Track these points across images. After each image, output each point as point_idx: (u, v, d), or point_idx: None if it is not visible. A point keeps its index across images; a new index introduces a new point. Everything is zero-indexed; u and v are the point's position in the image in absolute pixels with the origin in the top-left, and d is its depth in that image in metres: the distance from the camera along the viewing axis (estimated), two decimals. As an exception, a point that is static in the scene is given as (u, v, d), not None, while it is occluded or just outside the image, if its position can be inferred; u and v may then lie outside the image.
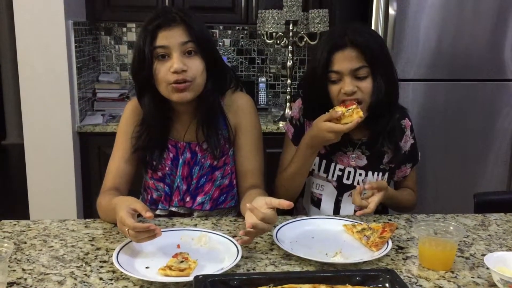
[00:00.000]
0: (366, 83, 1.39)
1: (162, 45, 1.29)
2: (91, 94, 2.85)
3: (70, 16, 2.43)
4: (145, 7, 2.75)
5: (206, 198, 1.45)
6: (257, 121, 1.50)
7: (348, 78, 1.38)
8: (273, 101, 3.28)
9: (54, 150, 2.47)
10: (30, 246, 1.16)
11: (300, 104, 1.57)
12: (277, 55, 3.22)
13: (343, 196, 1.52)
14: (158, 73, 1.30)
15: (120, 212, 1.10)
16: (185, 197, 1.45)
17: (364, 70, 1.38)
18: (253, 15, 2.80)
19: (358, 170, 1.51)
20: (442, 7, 2.37)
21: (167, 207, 1.46)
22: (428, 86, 2.46)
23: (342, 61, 1.38)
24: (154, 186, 1.47)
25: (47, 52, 2.37)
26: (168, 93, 1.32)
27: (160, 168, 1.45)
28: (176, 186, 1.44)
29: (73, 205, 2.53)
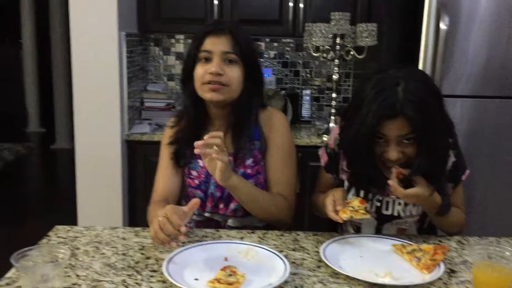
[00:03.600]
0: (413, 149, 1.31)
1: (206, 49, 1.40)
2: (139, 103, 2.93)
3: (123, 28, 2.51)
4: (194, 19, 2.80)
5: (239, 205, 1.47)
6: (288, 137, 1.54)
7: (393, 144, 1.30)
8: (317, 114, 3.26)
9: (103, 157, 2.54)
10: (83, 252, 1.19)
11: (336, 134, 1.53)
12: (322, 68, 3.21)
13: (384, 225, 1.49)
14: (197, 73, 1.41)
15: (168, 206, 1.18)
16: (218, 204, 1.49)
17: (411, 136, 1.29)
18: (300, 28, 2.81)
19: (397, 200, 1.46)
20: (493, 22, 2.30)
21: (202, 212, 1.51)
22: (477, 103, 2.38)
23: (390, 128, 1.29)
24: (192, 194, 1.52)
25: (100, 62, 2.45)
26: (202, 92, 1.42)
27: (196, 176, 1.50)
28: (210, 192, 1.49)
29: (119, 210, 2.59)
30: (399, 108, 1.25)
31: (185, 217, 1.17)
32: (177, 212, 1.16)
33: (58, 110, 6.12)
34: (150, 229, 1.19)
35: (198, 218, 1.52)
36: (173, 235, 1.12)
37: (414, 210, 1.45)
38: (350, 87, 3.23)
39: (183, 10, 2.81)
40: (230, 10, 2.81)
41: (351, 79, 3.23)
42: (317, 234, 1.37)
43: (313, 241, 1.33)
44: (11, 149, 5.87)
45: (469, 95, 2.38)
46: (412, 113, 1.25)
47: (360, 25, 2.54)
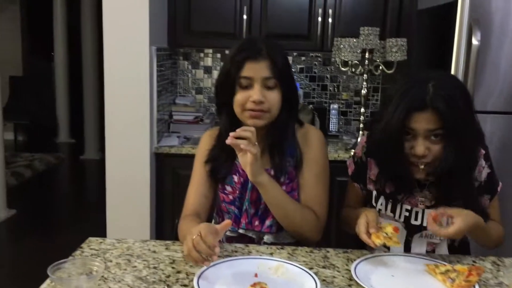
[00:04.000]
0: (439, 146, 1.31)
1: (247, 76, 1.38)
2: (168, 116, 2.97)
3: (153, 43, 2.56)
4: (223, 33, 2.84)
5: (274, 221, 1.47)
6: (323, 153, 1.53)
7: (421, 138, 1.30)
8: (344, 128, 3.25)
9: (133, 169, 2.58)
10: (116, 265, 1.21)
11: (364, 142, 1.55)
12: (350, 82, 3.20)
13: (414, 237, 1.46)
14: (238, 99, 1.40)
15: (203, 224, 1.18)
16: (253, 221, 1.48)
17: (439, 131, 1.30)
18: (328, 42, 2.81)
19: (426, 210, 1.44)
20: None
21: (236, 229, 1.50)
22: (508, 119, 2.34)
23: (419, 121, 1.29)
24: (226, 209, 1.52)
25: (132, 76, 2.50)
26: (243, 118, 1.42)
27: (231, 192, 1.50)
28: (244, 209, 1.49)
29: (147, 221, 2.61)
30: (428, 101, 1.26)
31: (218, 236, 1.17)
32: (211, 231, 1.16)
33: (87, 121, 6.25)
34: (184, 246, 1.19)
35: (231, 234, 1.51)
36: (206, 254, 1.12)
37: (444, 221, 1.42)
38: (378, 101, 3.21)
39: (213, 25, 2.85)
40: (259, 25, 2.84)
41: (379, 93, 3.21)
42: (347, 252, 1.36)
43: (343, 258, 1.31)
44: (42, 159, 6.03)
45: (501, 111, 2.33)
46: (442, 106, 1.26)
47: (389, 40, 2.53)
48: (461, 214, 1.26)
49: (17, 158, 5.89)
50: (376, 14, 2.79)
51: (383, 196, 1.48)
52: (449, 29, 2.36)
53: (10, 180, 4.88)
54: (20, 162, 5.72)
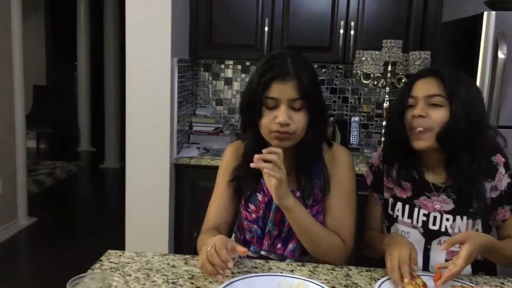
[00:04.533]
0: (439, 112, 1.37)
1: (273, 96, 1.33)
2: (188, 127, 2.97)
3: (175, 54, 2.57)
4: (244, 45, 2.84)
5: (297, 245, 1.43)
6: (351, 175, 1.47)
7: (421, 103, 1.39)
8: (365, 141, 3.21)
9: (152, 179, 2.58)
10: (135, 279, 1.20)
11: (380, 151, 1.58)
12: (371, 94, 3.17)
13: (432, 244, 1.44)
14: (264, 119, 1.35)
15: (218, 237, 1.17)
16: (275, 243, 1.44)
17: (439, 99, 1.38)
18: (350, 55, 2.79)
19: (444, 214, 1.43)
20: None
21: (258, 250, 1.46)
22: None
23: (421, 87, 1.41)
24: (248, 227, 1.49)
25: (153, 87, 2.52)
26: (269, 138, 1.37)
27: (254, 210, 1.47)
28: (267, 230, 1.44)
29: (166, 233, 2.61)
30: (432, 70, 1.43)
31: (233, 252, 1.15)
32: (226, 244, 1.14)
33: (108, 130, 6.32)
34: (199, 257, 1.18)
35: (253, 254, 1.47)
36: (220, 268, 1.11)
37: (463, 226, 1.40)
38: (400, 114, 3.16)
39: (234, 37, 2.85)
40: (280, 37, 2.83)
41: (401, 106, 3.15)
42: (370, 270, 1.32)
43: (366, 277, 1.28)
44: (63, 167, 6.10)
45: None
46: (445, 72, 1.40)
47: (413, 52, 2.50)
48: (469, 238, 1.24)
49: (39, 166, 5.97)
50: (399, 27, 2.75)
51: (400, 202, 1.48)
52: (474, 42, 2.33)
53: (31, 188, 4.95)
54: (41, 170, 5.80)
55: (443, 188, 1.44)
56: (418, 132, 1.38)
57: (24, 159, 4.05)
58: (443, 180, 1.44)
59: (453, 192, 1.42)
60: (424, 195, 1.46)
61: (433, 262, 1.43)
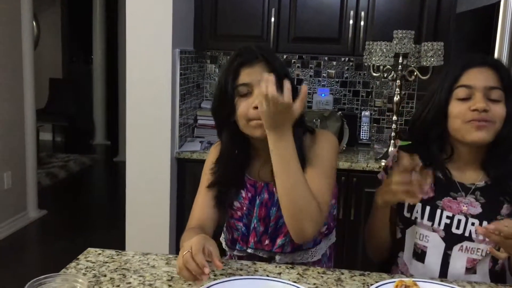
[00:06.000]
0: (499, 107, 1.25)
1: (244, 82, 1.27)
2: (193, 121, 2.90)
3: (177, 45, 2.50)
4: (250, 36, 2.75)
5: (286, 239, 1.34)
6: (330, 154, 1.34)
7: (480, 95, 1.24)
8: (376, 136, 3.09)
9: (153, 173, 2.52)
10: (109, 280, 1.13)
11: (395, 152, 1.42)
12: (383, 88, 3.05)
13: (453, 249, 1.31)
14: (240, 109, 1.27)
15: (195, 239, 1.09)
16: (262, 239, 1.36)
17: (499, 92, 1.25)
18: (360, 46, 2.68)
19: (470, 218, 1.30)
20: None
21: (244, 248, 1.39)
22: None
23: (477, 76, 1.26)
24: (234, 226, 1.42)
25: (153, 79, 2.45)
26: (249, 130, 1.29)
27: (239, 208, 1.39)
28: (252, 227, 1.37)
29: (166, 226, 2.55)
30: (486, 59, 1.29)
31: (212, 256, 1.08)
32: (205, 245, 1.07)
33: (122, 124, 6.30)
34: (177, 262, 1.11)
35: (240, 253, 1.40)
36: (196, 273, 1.04)
37: None
38: (413, 109, 3.04)
39: (240, 28, 2.77)
40: (287, 28, 2.74)
41: (414, 100, 3.04)
42: (364, 274, 1.23)
43: (358, 282, 1.19)
44: (77, 160, 6.11)
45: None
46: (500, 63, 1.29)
47: (425, 44, 2.38)
48: None
49: (53, 159, 6.00)
50: (412, 17, 2.63)
51: (420, 203, 1.34)
52: (490, 32, 2.19)
53: (44, 180, 4.97)
54: (55, 162, 5.82)
55: (473, 189, 1.32)
56: (479, 124, 1.24)
57: (34, 152, 4.05)
58: (474, 180, 1.33)
59: (483, 196, 1.31)
60: (449, 196, 1.33)
61: (452, 269, 1.31)
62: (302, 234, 1.23)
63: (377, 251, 1.45)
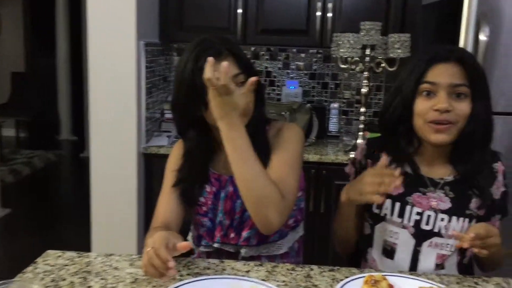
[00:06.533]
0: (464, 105, 1.23)
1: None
2: (160, 115, 2.84)
3: (142, 37, 2.43)
4: (217, 28, 2.70)
5: (251, 232, 1.33)
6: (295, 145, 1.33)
7: (443, 94, 1.22)
8: (345, 128, 3.09)
9: (119, 170, 2.45)
10: (69, 284, 1.08)
11: (364, 145, 1.44)
12: (351, 80, 3.05)
13: (422, 246, 1.31)
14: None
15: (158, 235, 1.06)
16: (228, 233, 1.34)
17: (465, 89, 1.22)
18: (328, 38, 2.66)
19: (439, 214, 1.30)
20: None
21: (210, 243, 1.36)
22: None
23: (442, 73, 1.23)
24: (200, 221, 1.39)
25: (117, 72, 2.37)
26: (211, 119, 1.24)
27: (204, 203, 1.36)
28: (218, 221, 1.35)
29: (134, 225, 2.49)
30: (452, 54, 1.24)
31: (174, 251, 1.05)
32: (168, 241, 1.04)
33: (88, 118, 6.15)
34: (142, 260, 1.07)
35: (206, 249, 1.38)
36: (161, 269, 1.00)
37: (458, 228, 1.28)
38: (380, 101, 3.06)
39: (207, 19, 2.72)
40: (255, 19, 2.70)
41: (382, 92, 3.05)
42: (334, 270, 1.21)
43: (328, 277, 1.17)
44: (41, 156, 5.93)
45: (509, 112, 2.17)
46: (468, 57, 1.25)
47: (392, 35, 2.38)
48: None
49: (16, 155, 5.81)
50: (378, 9, 2.63)
51: (390, 200, 1.33)
52: (456, 24, 2.21)
53: (7, 177, 4.80)
54: (19, 159, 5.64)
55: (442, 184, 1.31)
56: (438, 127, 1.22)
57: (-5, 149, 3.90)
58: (443, 175, 1.32)
59: (452, 190, 1.30)
60: (418, 192, 1.32)
61: (422, 266, 1.31)
62: (266, 224, 1.20)
63: (343, 244, 1.45)
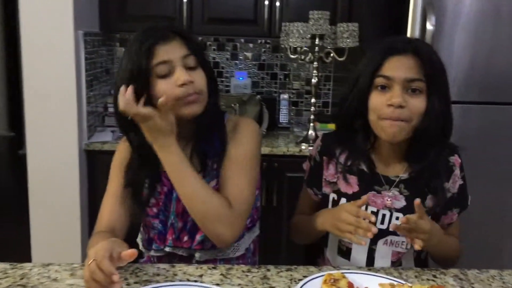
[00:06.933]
0: (418, 101, 1.18)
1: (164, 60, 1.14)
2: (103, 109, 2.69)
3: (80, 27, 2.27)
4: (161, 17, 2.59)
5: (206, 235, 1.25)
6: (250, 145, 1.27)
7: (398, 88, 1.17)
8: (295, 119, 3.07)
9: (60, 168, 2.30)
10: (1, 301, 0.97)
11: (319, 142, 1.39)
12: (301, 70, 3.02)
13: (378, 244, 1.29)
14: (163, 92, 1.13)
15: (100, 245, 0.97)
16: (181, 236, 1.26)
17: (420, 84, 1.18)
18: (276, 28, 2.61)
19: (394, 213, 1.27)
20: (478, 23, 2.12)
21: (161, 247, 1.27)
22: (462, 109, 2.21)
23: (397, 66, 1.18)
24: (150, 224, 1.30)
25: (54, 64, 2.22)
26: (175, 110, 1.16)
27: (154, 204, 1.28)
28: (170, 223, 1.26)
29: (77, 227, 2.35)
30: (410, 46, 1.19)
31: (120, 261, 0.96)
32: (112, 250, 0.95)
33: (25, 113, 5.82)
34: (83, 273, 0.97)
35: (157, 253, 1.29)
36: (106, 284, 0.91)
37: None
38: (330, 91, 3.05)
39: (151, 8, 2.59)
40: (201, 8, 2.60)
41: (331, 82, 3.04)
42: (291, 269, 1.16)
43: (286, 278, 1.12)
44: (-26, 154, 5.57)
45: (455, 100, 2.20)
46: (426, 50, 1.19)
47: (340, 25, 2.35)
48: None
49: None
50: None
51: (345, 198, 1.30)
52: (402, 13, 2.21)
53: None
54: (-51, 158, 5.25)
55: (397, 182, 1.28)
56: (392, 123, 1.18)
57: None
58: (398, 172, 1.29)
59: (407, 188, 1.28)
60: (373, 190, 1.29)
61: (378, 264, 1.28)
62: (218, 239, 1.18)
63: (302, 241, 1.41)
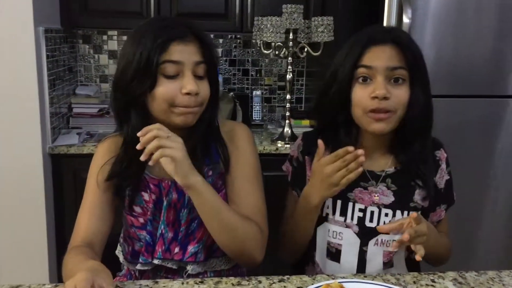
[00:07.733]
0: (402, 91, 1.15)
1: (176, 60, 1.07)
2: (67, 110, 2.54)
3: (40, 23, 2.13)
4: (128, 12, 2.47)
5: (199, 246, 1.17)
6: (255, 155, 1.25)
7: (381, 79, 1.13)
8: (268, 116, 3.00)
9: (22, 175, 2.14)
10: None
11: (300, 141, 1.34)
12: (273, 66, 2.95)
13: (369, 245, 1.23)
14: (164, 92, 1.07)
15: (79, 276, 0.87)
16: (171, 248, 1.17)
17: (403, 72, 1.15)
18: (248, 22, 2.53)
19: (383, 209, 1.23)
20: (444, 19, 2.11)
21: (149, 260, 1.18)
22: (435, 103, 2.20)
23: (378, 56, 1.14)
24: (136, 235, 1.19)
25: (13, 64, 2.06)
26: (167, 115, 1.10)
27: (141, 214, 1.18)
28: (159, 233, 1.17)
29: (44, 241, 2.19)
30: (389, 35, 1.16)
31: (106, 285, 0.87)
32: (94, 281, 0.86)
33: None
34: None
35: (144, 267, 1.19)
36: None
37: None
38: (303, 86, 2.99)
39: (115, 2, 2.47)
40: (169, 3, 2.49)
41: (304, 78, 2.98)
42: (284, 280, 1.09)
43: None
44: None
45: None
46: (406, 39, 1.17)
47: (315, 18, 2.30)
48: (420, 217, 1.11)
49: None
50: (299, -10, 2.54)
51: (330, 198, 1.23)
52: (378, 6, 2.18)
53: None
54: None
55: (383, 176, 1.24)
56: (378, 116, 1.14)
57: None
58: (383, 167, 1.24)
59: (394, 183, 1.23)
60: (360, 187, 1.23)
61: (370, 267, 1.23)
62: (253, 262, 1.15)
63: (294, 253, 1.33)
